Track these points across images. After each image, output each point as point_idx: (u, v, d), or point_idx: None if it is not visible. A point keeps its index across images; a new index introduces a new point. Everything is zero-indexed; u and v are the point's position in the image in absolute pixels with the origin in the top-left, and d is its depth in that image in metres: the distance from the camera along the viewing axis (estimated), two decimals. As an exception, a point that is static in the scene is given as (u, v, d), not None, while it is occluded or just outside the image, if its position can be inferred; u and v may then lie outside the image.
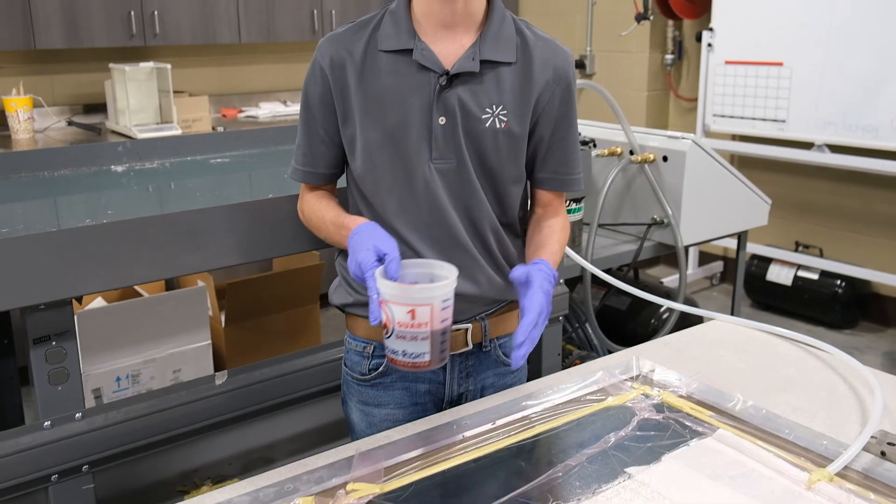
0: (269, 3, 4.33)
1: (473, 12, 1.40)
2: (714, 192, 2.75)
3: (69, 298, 1.53)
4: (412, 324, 1.20)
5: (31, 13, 3.63)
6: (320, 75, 1.44)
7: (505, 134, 1.41)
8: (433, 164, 1.40)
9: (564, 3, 5.12)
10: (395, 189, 1.43)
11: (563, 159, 1.50)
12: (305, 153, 1.50)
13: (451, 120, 1.39)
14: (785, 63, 3.95)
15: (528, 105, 1.42)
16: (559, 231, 1.52)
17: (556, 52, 1.45)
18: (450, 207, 1.43)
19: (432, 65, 1.37)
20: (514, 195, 1.49)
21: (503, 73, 1.40)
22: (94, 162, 2.28)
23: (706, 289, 4.77)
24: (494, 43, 1.39)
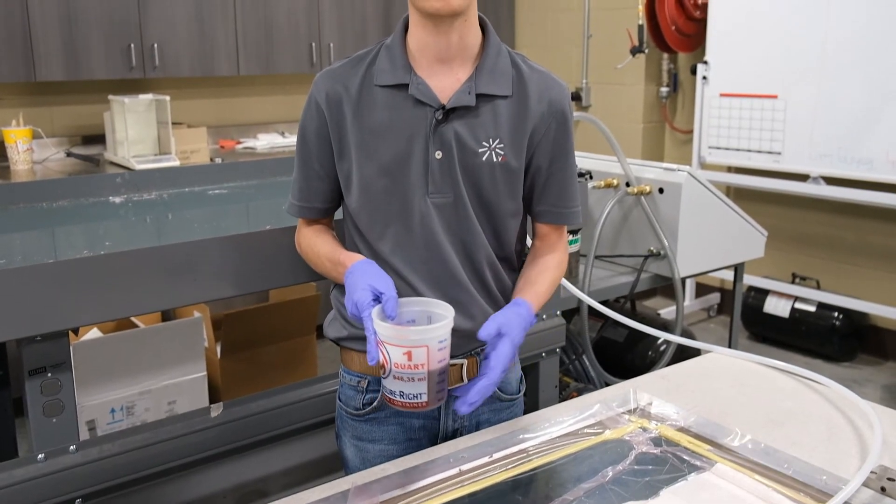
0: (267, 36, 4.37)
1: (469, 46, 1.41)
2: (710, 223, 2.76)
3: (66, 330, 1.53)
4: (409, 365, 1.20)
5: (32, 46, 3.66)
6: (316, 110, 1.44)
7: (502, 167, 1.41)
8: (430, 199, 1.40)
9: (560, 36, 5.18)
10: (390, 224, 1.42)
11: (561, 192, 1.49)
12: (302, 188, 1.50)
13: (448, 154, 1.38)
14: (779, 96, 3.99)
15: (523, 138, 1.42)
16: (553, 268, 1.51)
17: (551, 85, 1.45)
18: (446, 242, 1.42)
19: (428, 99, 1.38)
20: (511, 229, 1.49)
21: (499, 106, 1.40)
22: (93, 193, 2.28)
23: (703, 320, 4.77)
24: (490, 76, 1.40)
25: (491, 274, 1.48)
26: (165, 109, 3.94)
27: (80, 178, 2.53)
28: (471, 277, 1.45)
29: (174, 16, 4.04)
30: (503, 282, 1.51)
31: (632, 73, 4.78)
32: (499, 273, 1.50)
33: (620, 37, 4.71)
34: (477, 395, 1.26)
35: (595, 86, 5.02)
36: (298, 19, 4.47)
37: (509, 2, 5.38)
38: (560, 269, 1.53)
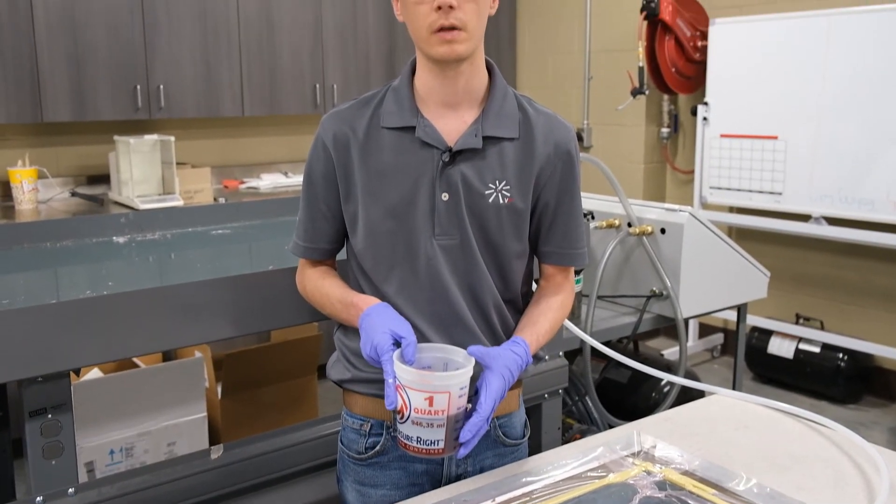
0: (272, 78, 4.42)
1: (475, 89, 1.42)
2: (712, 264, 2.76)
3: (67, 371, 1.52)
4: (429, 410, 1.20)
5: (39, 87, 3.71)
6: (323, 151, 1.45)
7: (508, 209, 1.41)
8: (436, 241, 1.40)
9: (561, 78, 5.23)
10: (396, 265, 1.42)
11: (567, 233, 1.50)
12: (307, 228, 1.50)
13: (455, 196, 1.39)
14: (779, 136, 4.02)
15: (530, 180, 1.43)
16: (555, 309, 1.51)
17: (557, 127, 1.46)
18: (452, 284, 1.42)
19: (435, 141, 1.39)
20: (516, 271, 1.49)
21: (506, 148, 1.41)
22: (97, 233, 2.29)
23: (707, 361, 4.74)
24: (497, 119, 1.41)
25: (497, 316, 1.48)
26: (170, 150, 3.97)
27: (83, 218, 2.54)
28: (476, 320, 1.45)
29: (180, 58, 4.09)
30: (508, 324, 1.51)
31: (633, 115, 4.82)
32: (504, 315, 1.49)
33: (621, 78, 4.76)
34: (470, 432, 1.24)
35: (596, 127, 5.06)
36: (302, 61, 4.52)
37: (511, 44, 5.45)
38: (563, 311, 1.53)
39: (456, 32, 1.32)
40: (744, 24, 4.13)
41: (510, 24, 5.41)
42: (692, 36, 4.43)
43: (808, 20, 3.85)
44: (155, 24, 3.99)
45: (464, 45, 1.34)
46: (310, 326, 3.21)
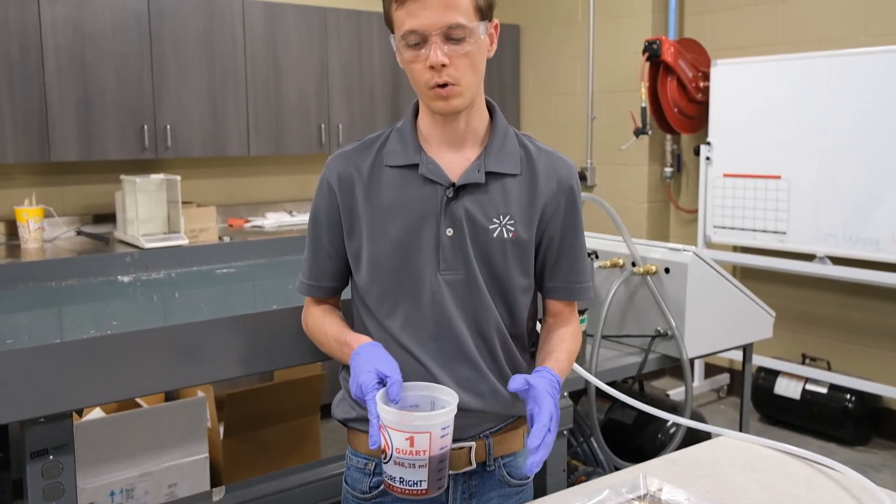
0: (278, 118, 4.46)
1: (476, 129, 1.45)
2: (717, 304, 2.75)
3: (70, 411, 1.52)
4: (410, 451, 1.19)
5: (48, 127, 3.75)
6: (328, 191, 1.47)
7: (513, 243, 1.43)
8: (441, 276, 1.41)
9: (565, 118, 5.27)
10: (400, 301, 1.43)
11: (572, 268, 1.51)
12: (311, 267, 1.52)
13: (459, 231, 1.40)
14: (782, 176, 4.03)
15: (534, 215, 1.44)
16: (569, 339, 1.51)
17: (559, 164, 1.49)
18: (458, 319, 1.42)
19: (438, 178, 1.41)
20: (523, 305, 1.49)
21: (509, 184, 1.43)
22: (102, 272, 2.30)
23: (713, 402, 4.71)
24: (498, 156, 1.43)
25: (503, 351, 1.48)
26: (176, 189, 3.99)
27: (89, 257, 2.55)
28: (482, 354, 1.45)
29: (188, 98, 4.14)
30: (515, 360, 1.51)
31: (636, 154, 4.84)
32: (511, 351, 1.49)
33: (623, 118, 4.80)
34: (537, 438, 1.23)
35: (599, 166, 5.08)
36: (308, 101, 4.57)
37: (514, 85, 5.50)
38: (576, 341, 1.53)
39: (450, 88, 1.34)
40: (745, 66, 4.17)
41: (513, 65, 5.47)
42: (694, 77, 4.48)
43: (809, 62, 3.89)
44: (163, 65, 4.05)
45: (459, 100, 1.36)
46: (313, 366, 3.19)
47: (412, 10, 1.31)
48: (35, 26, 3.68)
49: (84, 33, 3.81)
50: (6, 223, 4.00)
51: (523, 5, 5.44)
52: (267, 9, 4.36)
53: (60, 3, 3.73)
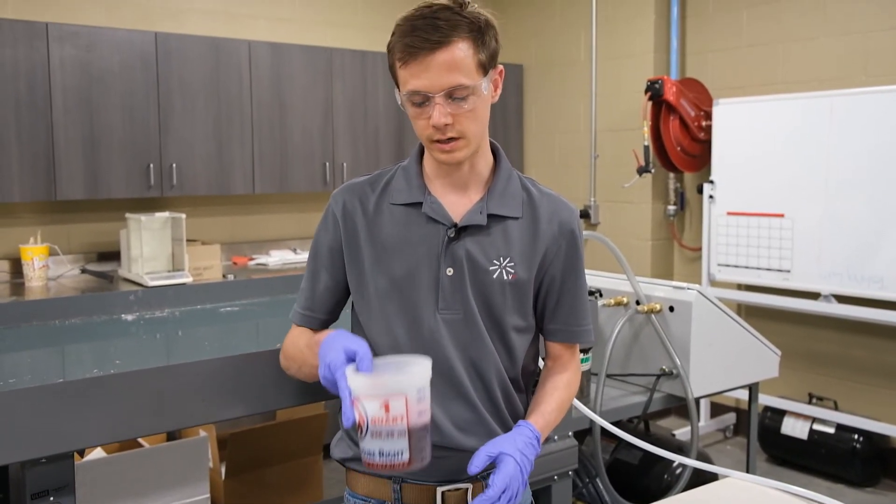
0: (282, 156, 4.49)
1: (480, 172, 1.46)
2: (722, 342, 2.74)
3: (71, 452, 1.50)
4: (386, 418, 1.16)
5: (54, 167, 3.78)
6: (332, 223, 1.49)
7: (512, 285, 1.44)
8: (440, 315, 1.42)
9: (568, 156, 5.30)
10: (399, 338, 1.44)
11: (572, 311, 1.51)
12: (308, 297, 1.53)
13: (459, 271, 1.41)
14: (786, 214, 4.03)
15: (535, 258, 1.45)
16: (562, 388, 1.51)
17: (560, 208, 1.50)
18: (456, 359, 1.42)
19: (441, 217, 1.42)
20: (521, 347, 1.49)
21: (510, 226, 1.44)
22: (105, 310, 2.30)
23: (720, 441, 4.66)
24: (501, 199, 1.45)
25: (501, 393, 1.47)
26: (181, 227, 4.01)
27: (93, 295, 2.55)
28: (480, 395, 1.45)
29: (193, 137, 4.17)
30: (513, 402, 1.50)
31: (639, 192, 4.86)
32: (509, 393, 1.49)
33: (626, 156, 4.82)
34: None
35: (603, 204, 5.10)
36: (313, 140, 4.60)
37: (518, 123, 5.54)
38: (570, 390, 1.53)
39: (453, 143, 1.37)
40: (747, 105, 4.20)
41: (517, 103, 5.52)
42: (696, 116, 4.51)
43: (811, 101, 3.91)
44: (169, 104, 4.09)
45: (462, 152, 1.38)
46: (316, 405, 3.17)
47: (415, 71, 1.32)
48: (44, 66, 3.72)
49: (92, 73, 3.85)
50: (11, 261, 4.01)
51: (527, 46, 5.50)
52: (273, 49, 4.42)
53: (69, 44, 3.78)
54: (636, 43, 4.81)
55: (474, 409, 1.44)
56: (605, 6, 4.97)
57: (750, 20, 4.42)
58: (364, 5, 5.15)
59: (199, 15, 4.54)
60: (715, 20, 4.60)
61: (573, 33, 5.20)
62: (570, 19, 5.21)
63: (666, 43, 4.75)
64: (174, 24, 4.44)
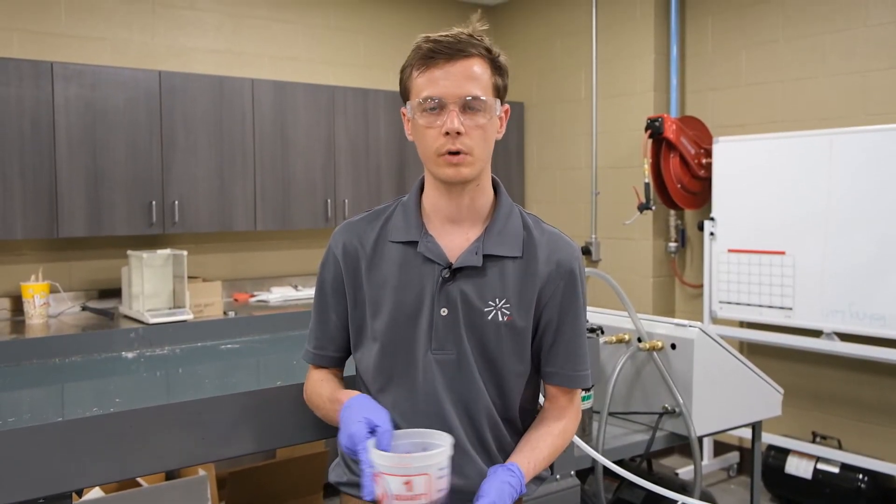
0: (284, 193, 4.51)
1: (480, 207, 1.46)
2: (725, 380, 2.72)
3: (70, 492, 1.49)
4: (410, 495, 1.17)
5: (57, 204, 3.79)
6: (333, 262, 1.50)
7: (507, 327, 1.42)
8: (433, 355, 1.42)
9: (569, 192, 5.32)
10: (394, 377, 1.44)
11: (569, 354, 1.48)
12: (318, 336, 1.54)
13: (453, 312, 1.41)
14: (787, 252, 4.04)
15: (531, 299, 1.44)
16: (556, 436, 1.48)
17: (561, 247, 1.48)
18: (447, 400, 1.42)
19: (436, 257, 1.42)
20: (515, 389, 1.48)
21: (507, 266, 1.43)
22: (106, 348, 2.29)
23: (723, 481, 4.61)
24: (499, 238, 1.44)
25: (491, 434, 1.46)
26: (182, 264, 4.01)
27: (93, 333, 2.55)
28: (469, 436, 1.44)
29: (196, 174, 4.19)
30: (504, 444, 1.49)
31: (640, 229, 4.87)
32: (500, 433, 1.48)
33: (627, 193, 4.84)
34: None
35: (604, 241, 5.10)
36: (315, 177, 4.62)
37: (519, 159, 5.57)
38: (564, 437, 1.50)
39: (462, 157, 1.37)
40: (747, 143, 4.23)
41: (518, 140, 5.55)
42: (697, 153, 4.53)
43: (811, 139, 3.94)
44: (172, 142, 4.12)
45: (469, 169, 1.39)
46: (316, 444, 3.15)
47: (434, 77, 1.36)
48: (48, 105, 3.76)
49: (95, 111, 3.88)
50: (12, 299, 4.01)
51: (528, 83, 5.55)
52: (276, 87, 4.46)
53: (74, 83, 3.82)
54: (636, 81, 4.86)
55: (464, 451, 1.42)
56: (606, 45, 5.03)
57: (749, 60, 4.47)
58: (365, 45, 5.22)
59: (203, 54, 4.59)
60: (714, 59, 4.65)
61: (574, 71, 5.25)
62: (571, 58, 5.27)
63: (666, 81, 4.80)
64: (178, 62, 4.49)
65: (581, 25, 5.17)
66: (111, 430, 1.51)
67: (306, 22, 4.97)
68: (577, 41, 5.21)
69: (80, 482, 1.50)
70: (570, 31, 5.27)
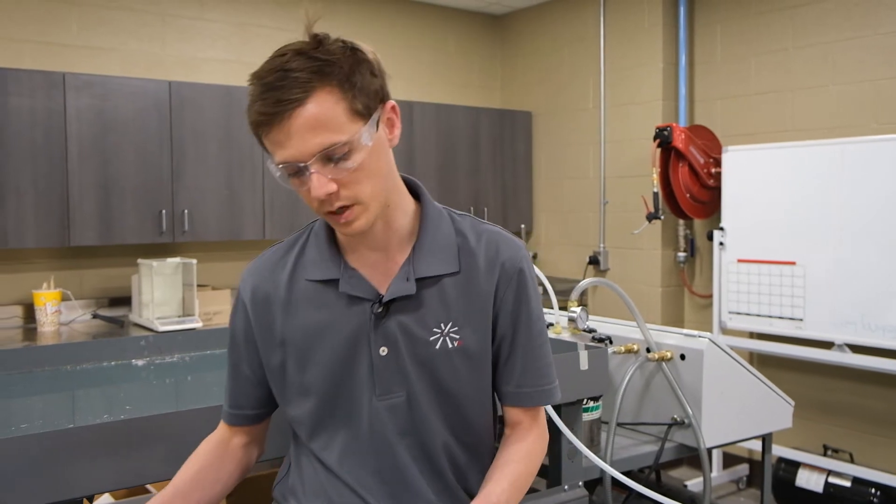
0: (293, 202, 4.53)
1: (400, 228, 1.27)
2: (735, 392, 2.71)
3: (81, 498, 1.49)
4: None
5: (69, 213, 3.81)
6: (242, 311, 1.33)
7: (460, 353, 1.25)
8: (379, 401, 1.25)
9: (577, 202, 5.32)
10: (337, 432, 1.28)
11: (526, 369, 1.30)
12: (232, 395, 1.39)
13: (394, 349, 1.24)
14: (797, 262, 4.02)
15: (481, 315, 1.27)
16: (518, 460, 1.29)
17: (502, 248, 1.29)
18: (401, 447, 1.26)
19: (363, 293, 1.24)
20: (481, 423, 1.32)
21: (446, 285, 1.25)
22: (116, 356, 2.30)
23: (733, 493, 4.58)
24: (430, 256, 1.25)
25: (455, 476, 1.31)
26: (192, 272, 4.03)
27: (104, 341, 2.56)
28: (432, 484, 1.28)
29: (205, 184, 4.21)
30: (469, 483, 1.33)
31: (649, 238, 4.86)
32: (465, 475, 1.32)
33: (636, 203, 4.84)
34: None
35: (612, 250, 5.10)
36: (324, 187, 4.63)
37: (527, 170, 5.57)
38: (529, 461, 1.31)
39: (348, 212, 1.17)
40: (757, 152, 4.21)
41: (526, 150, 5.55)
42: (706, 163, 4.53)
43: (821, 148, 3.93)
44: (182, 152, 4.14)
45: (363, 220, 1.18)
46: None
47: (278, 140, 1.13)
48: (60, 115, 3.78)
49: (106, 121, 3.91)
50: (24, 306, 4.03)
51: (535, 93, 5.56)
52: (286, 97, 4.47)
53: (86, 93, 3.85)
54: (645, 90, 4.86)
55: (426, 501, 1.28)
56: (614, 54, 5.04)
57: (758, 68, 4.47)
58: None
59: (213, 63, 4.62)
60: (723, 68, 4.65)
61: (582, 80, 5.26)
62: (578, 67, 5.28)
63: (674, 90, 4.80)
64: (188, 72, 4.52)
65: (589, 34, 5.18)
66: (121, 436, 1.51)
67: (316, 32, 4.98)
68: (585, 50, 5.21)
69: (90, 488, 1.50)
70: (577, 40, 5.28)
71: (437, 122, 4.99)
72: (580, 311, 2.58)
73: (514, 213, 5.42)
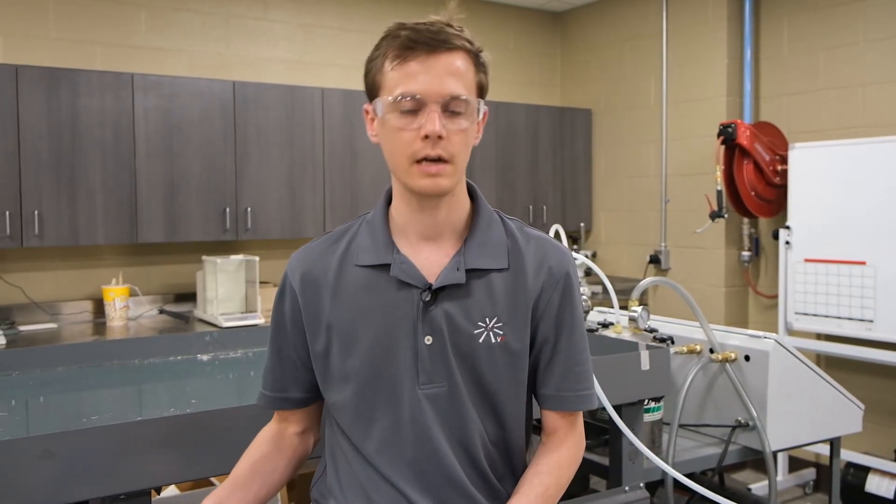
0: (353, 200, 4.57)
1: (456, 220, 1.30)
2: (801, 394, 2.64)
3: (149, 489, 1.53)
4: None
5: (136, 211, 3.92)
6: (290, 295, 1.34)
7: (502, 349, 1.26)
8: (421, 390, 1.25)
9: (638, 200, 5.25)
10: (376, 420, 1.28)
11: (567, 373, 1.32)
12: (276, 377, 1.39)
13: (439, 339, 1.25)
14: (868, 262, 3.90)
15: (524, 314, 1.28)
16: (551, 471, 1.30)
17: (550, 253, 1.32)
18: (441, 439, 1.26)
19: (413, 279, 1.26)
20: (518, 419, 1.33)
21: (494, 280, 1.27)
22: (182, 351, 2.36)
23: (799, 498, 4.47)
24: (481, 249, 1.28)
25: (494, 472, 1.32)
26: (254, 269, 4.10)
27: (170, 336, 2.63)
28: (471, 477, 1.29)
29: (267, 182, 4.28)
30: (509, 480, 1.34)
31: (712, 238, 4.77)
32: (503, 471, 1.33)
33: (699, 201, 4.75)
34: None
35: (674, 249, 5.02)
36: (383, 185, 4.60)
37: (587, 168, 5.52)
38: (560, 473, 1.32)
39: (442, 165, 1.20)
40: (825, 149, 4.10)
41: (586, 148, 5.50)
42: (771, 160, 4.42)
43: (892, 145, 3.80)
44: (245, 151, 4.21)
45: (448, 180, 1.22)
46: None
47: (412, 71, 1.19)
48: (129, 115, 3.89)
49: (172, 121, 4.00)
50: (94, 301, 4.16)
51: (595, 90, 5.51)
52: (346, 96, 4.52)
53: (153, 94, 3.94)
54: (708, 86, 4.77)
55: (465, 494, 1.28)
56: (676, 49, 4.95)
57: (827, 62, 4.34)
58: (435, 53, 5.25)
59: (276, 63, 4.69)
60: (790, 63, 4.53)
61: (643, 77, 5.18)
62: (639, 63, 5.21)
63: (739, 86, 4.70)
64: (252, 72, 4.60)
65: (651, 30, 5.11)
66: (187, 430, 1.55)
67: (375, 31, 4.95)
68: (647, 46, 5.14)
69: (158, 480, 1.54)
70: (639, 36, 5.20)
71: (497, 119, 4.98)
72: (641, 310, 2.55)
73: (574, 211, 5.38)
